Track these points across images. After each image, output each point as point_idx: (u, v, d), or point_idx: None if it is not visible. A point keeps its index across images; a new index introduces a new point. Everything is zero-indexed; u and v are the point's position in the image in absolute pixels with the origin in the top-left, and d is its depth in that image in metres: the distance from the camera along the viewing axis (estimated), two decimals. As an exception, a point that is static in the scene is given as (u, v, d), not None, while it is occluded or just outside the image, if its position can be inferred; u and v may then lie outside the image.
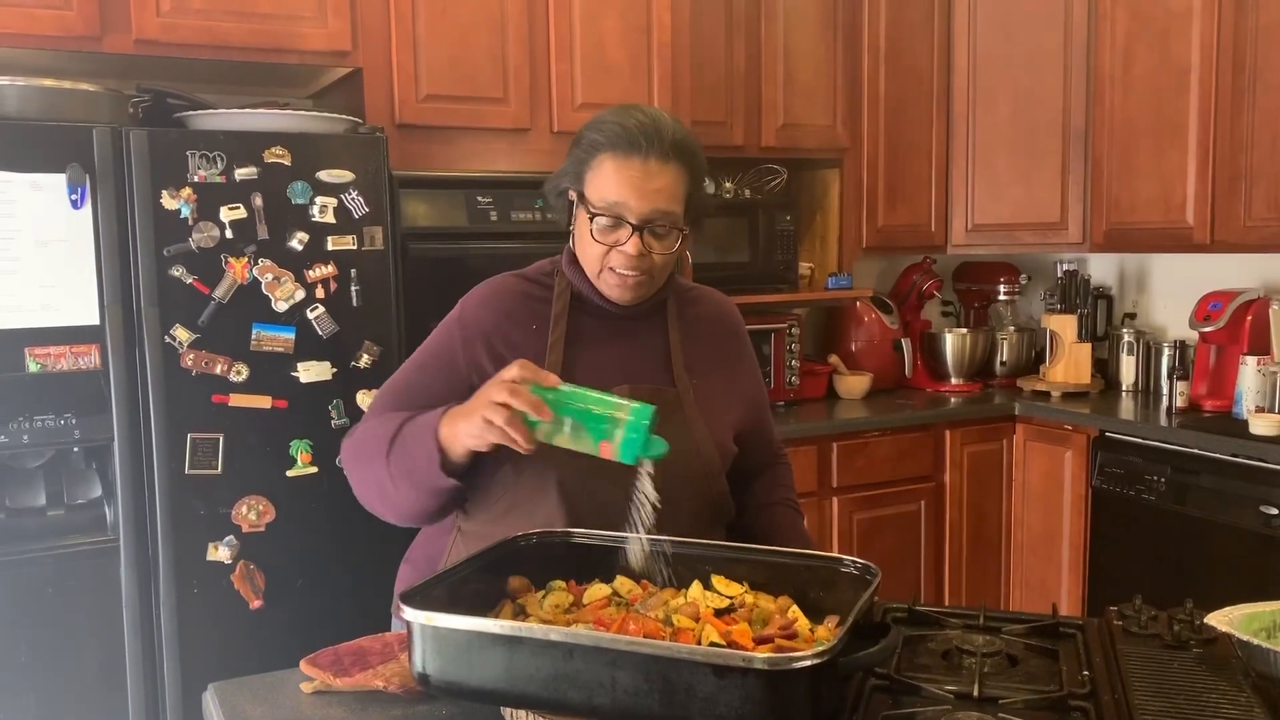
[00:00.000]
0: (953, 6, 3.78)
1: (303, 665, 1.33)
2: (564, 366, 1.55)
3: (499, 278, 1.65)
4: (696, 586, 1.33)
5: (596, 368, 1.57)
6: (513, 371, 1.31)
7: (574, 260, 1.59)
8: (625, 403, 1.34)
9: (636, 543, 1.38)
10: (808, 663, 1.00)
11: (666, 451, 1.36)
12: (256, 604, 2.39)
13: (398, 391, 1.59)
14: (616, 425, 1.33)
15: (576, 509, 1.52)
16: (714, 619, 1.23)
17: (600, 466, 1.52)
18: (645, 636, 1.15)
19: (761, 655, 1.01)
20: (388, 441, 1.47)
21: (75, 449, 2.32)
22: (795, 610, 1.29)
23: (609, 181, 1.48)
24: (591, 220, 1.50)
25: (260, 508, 2.39)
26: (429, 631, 1.13)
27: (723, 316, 1.74)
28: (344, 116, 2.54)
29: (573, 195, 1.54)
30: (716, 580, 1.34)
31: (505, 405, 1.30)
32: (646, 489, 1.38)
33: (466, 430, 1.35)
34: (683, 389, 1.60)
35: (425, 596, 1.19)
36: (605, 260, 1.52)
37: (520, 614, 1.30)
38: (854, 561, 1.30)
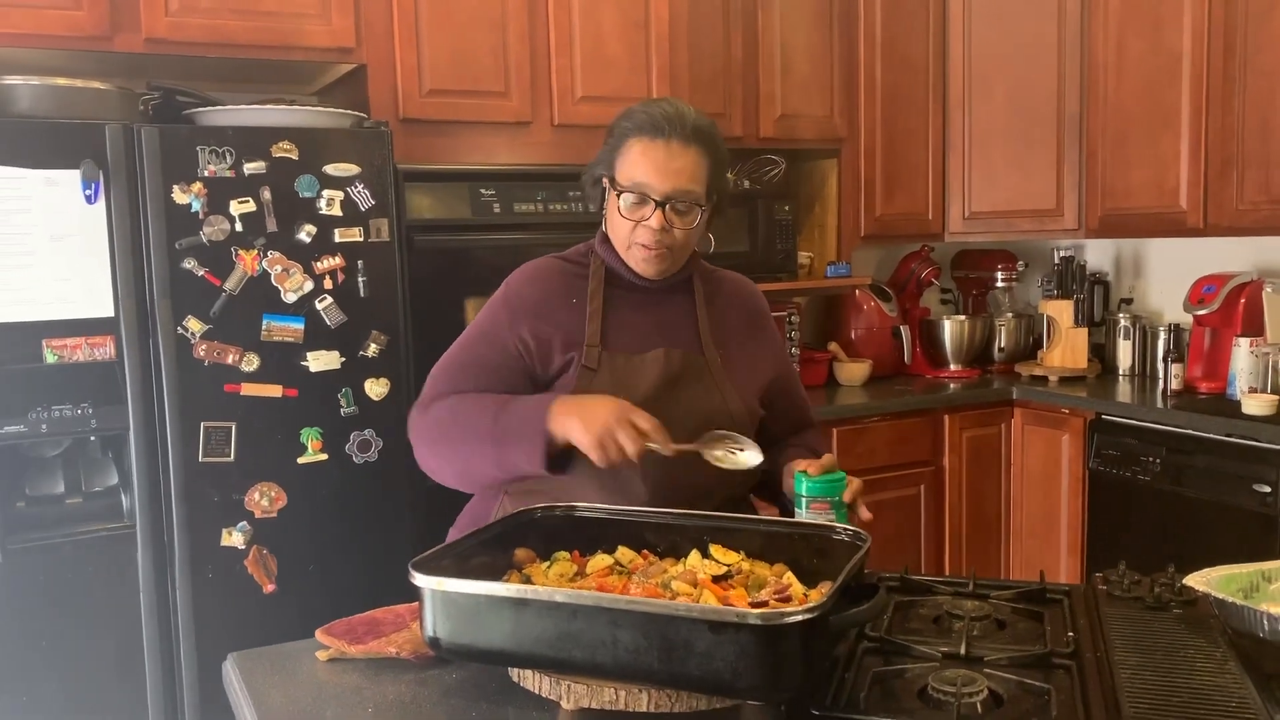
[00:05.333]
0: (948, -3, 3.83)
1: (318, 634, 1.38)
2: (602, 334, 1.69)
3: (541, 259, 1.79)
4: (695, 555, 1.39)
5: (631, 335, 1.71)
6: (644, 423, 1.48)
7: (606, 240, 1.74)
8: None
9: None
10: (799, 618, 1.05)
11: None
12: (270, 588, 2.45)
13: (460, 368, 1.70)
14: None
15: (612, 478, 1.60)
16: (711, 585, 1.28)
17: None
18: (645, 599, 1.19)
19: (755, 611, 1.06)
20: (488, 426, 1.57)
21: (92, 438, 2.37)
22: (790, 576, 1.34)
23: (636, 163, 1.64)
24: (620, 198, 1.65)
25: (272, 494, 2.44)
26: (440, 596, 1.18)
27: (746, 295, 1.88)
28: (349, 112, 2.59)
29: (605, 181, 1.69)
30: (714, 549, 1.40)
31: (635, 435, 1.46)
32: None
33: (581, 436, 1.48)
34: (710, 356, 1.74)
35: (435, 565, 1.24)
36: (633, 236, 1.66)
37: (526, 584, 1.35)
38: (845, 529, 1.36)
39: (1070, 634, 1.30)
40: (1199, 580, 1.33)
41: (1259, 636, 1.23)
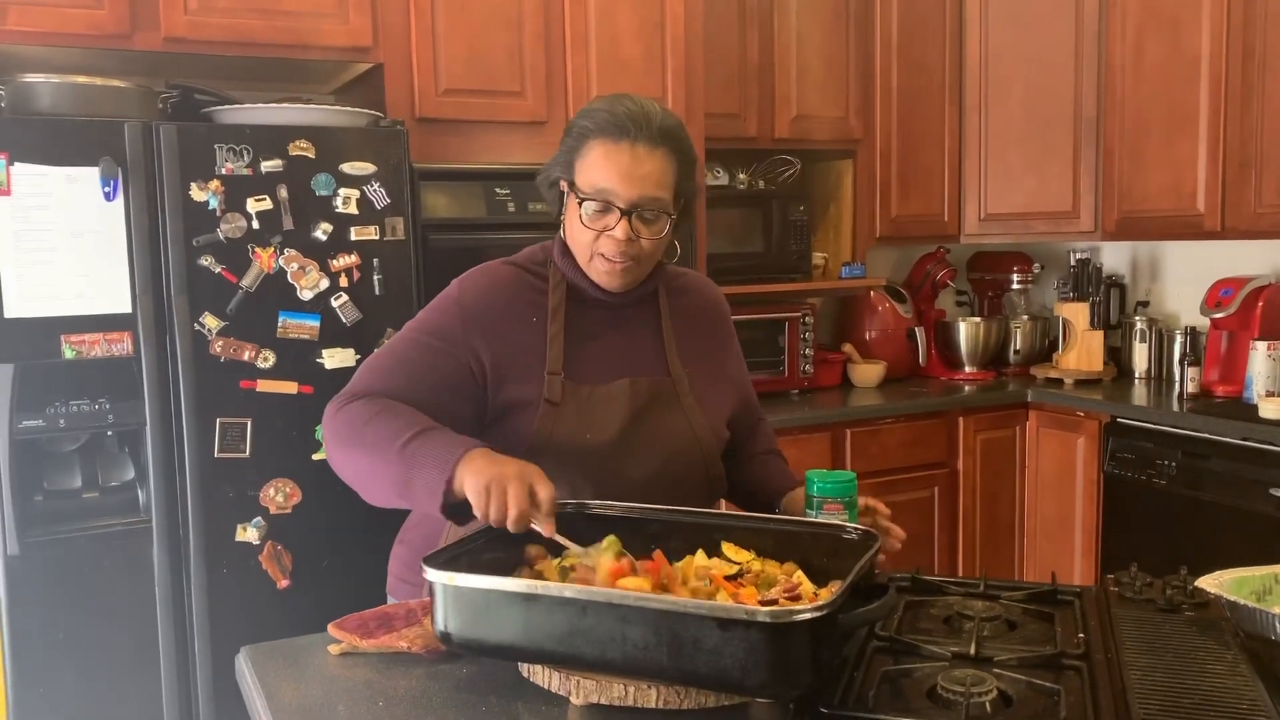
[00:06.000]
0: (965, -2, 3.83)
1: (330, 628, 1.39)
2: (565, 360, 1.57)
3: (494, 266, 1.63)
4: (702, 554, 1.39)
5: (595, 361, 1.60)
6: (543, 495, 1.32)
7: (566, 251, 1.60)
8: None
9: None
10: (808, 615, 1.05)
11: None
12: (284, 583, 2.46)
13: (395, 365, 1.54)
14: None
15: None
16: (722, 582, 1.29)
17: (587, 462, 1.56)
18: (655, 596, 1.20)
19: (764, 609, 1.06)
20: (400, 445, 1.40)
21: (109, 433, 2.39)
22: (800, 575, 1.34)
23: (598, 167, 1.50)
24: (581, 206, 1.51)
25: (287, 490, 2.46)
26: (451, 591, 1.19)
27: (711, 305, 1.76)
28: (366, 111, 2.61)
29: (564, 185, 1.57)
30: (726, 547, 1.40)
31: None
32: None
33: (473, 481, 1.32)
34: (677, 378, 1.63)
35: (447, 560, 1.25)
36: (595, 246, 1.53)
37: (537, 579, 1.36)
38: (855, 528, 1.36)
39: (1081, 635, 1.29)
40: (1211, 582, 1.32)
41: (1271, 639, 1.22)
